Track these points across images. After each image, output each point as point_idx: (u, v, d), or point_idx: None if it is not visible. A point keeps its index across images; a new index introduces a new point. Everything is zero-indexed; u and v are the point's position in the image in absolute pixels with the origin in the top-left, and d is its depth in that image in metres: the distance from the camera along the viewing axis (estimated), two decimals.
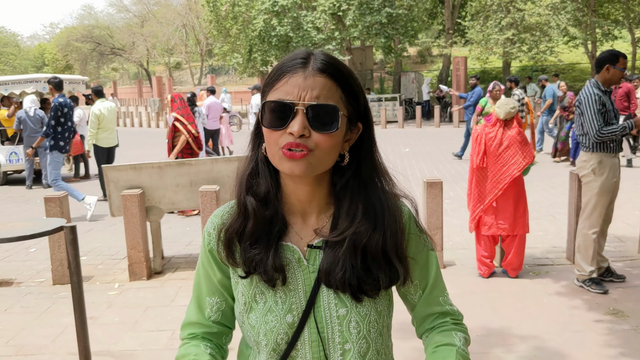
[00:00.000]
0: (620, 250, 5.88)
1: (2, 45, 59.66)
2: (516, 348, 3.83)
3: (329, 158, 1.13)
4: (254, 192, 1.19)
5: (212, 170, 5.65)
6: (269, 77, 1.16)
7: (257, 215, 1.18)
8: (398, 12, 23.82)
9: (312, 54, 1.14)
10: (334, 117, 1.10)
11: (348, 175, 1.19)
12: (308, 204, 1.21)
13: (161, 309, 4.72)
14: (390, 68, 33.96)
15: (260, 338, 1.17)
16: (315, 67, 1.10)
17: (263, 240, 1.18)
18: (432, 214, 5.36)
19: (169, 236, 6.94)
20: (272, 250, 1.17)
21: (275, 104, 1.10)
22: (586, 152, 4.81)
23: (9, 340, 4.23)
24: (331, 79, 1.11)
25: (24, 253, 6.65)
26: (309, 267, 1.19)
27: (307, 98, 1.09)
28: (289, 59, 1.14)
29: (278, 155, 1.11)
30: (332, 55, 1.16)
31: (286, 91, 1.10)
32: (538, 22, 20.29)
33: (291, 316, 1.16)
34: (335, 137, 1.11)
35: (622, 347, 3.79)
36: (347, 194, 1.19)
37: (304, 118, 1.08)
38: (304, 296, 1.17)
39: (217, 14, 28.40)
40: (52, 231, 3.34)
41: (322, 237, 1.19)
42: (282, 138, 1.10)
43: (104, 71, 61.54)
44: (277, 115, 1.10)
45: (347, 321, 1.17)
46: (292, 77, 1.10)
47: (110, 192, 5.52)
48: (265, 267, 1.16)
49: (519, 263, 5.14)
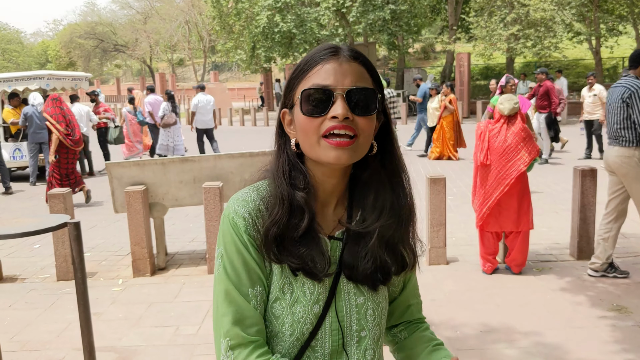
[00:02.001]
0: (624, 247, 5.87)
1: (6, 42, 59.74)
2: (519, 344, 3.83)
3: (368, 143, 1.15)
4: (296, 186, 1.17)
5: (215, 167, 5.65)
6: (298, 69, 1.16)
7: (310, 211, 1.16)
8: (401, 9, 23.75)
9: (338, 45, 1.16)
10: (373, 99, 1.12)
11: (374, 167, 1.20)
12: (330, 195, 1.22)
13: (165, 305, 4.73)
14: (393, 64, 33.88)
15: (284, 328, 1.16)
16: (347, 54, 1.13)
17: (307, 235, 1.16)
18: (435, 210, 5.36)
19: (172, 232, 6.95)
20: (320, 244, 1.17)
21: (314, 90, 1.10)
22: (628, 147, 4.70)
23: (13, 335, 4.25)
24: (363, 66, 1.14)
25: (28, 249, 6.68)
26: (330, 258, 1.19)
27: (346, 83, 1.10)
28: (317, 51, 1.15)
29: (320, 144, 1.11)
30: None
31: (322, 78, 1.10)
32: (543, 17, 20.18)
33: (318, 306, 1.17)
34: (374, 120, 1.14)
35: (626, 343, 3.79)
36: (372, 186, 1.20)
37: (344, 102, 1.09)
38: (327, 286, 1.19)
39: (220, 10, 28.36)
40: (56, 227, 3.34)
41: (348, 228, 1.20)
42: (323, 124, 1.10)
43: (107, 68, 61.57)
44: (316, 102, 1.10)
45: (364, 309, 1.21)
46: (327, 64, 1.11)
47: (114, 188, 5.53)
48: (315, 261, 1.15)
49: (523, 259, 5.14)
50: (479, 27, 22.38)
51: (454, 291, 4.83)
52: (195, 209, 7.43)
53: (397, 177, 1.22)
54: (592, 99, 11.91)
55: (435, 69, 31.54)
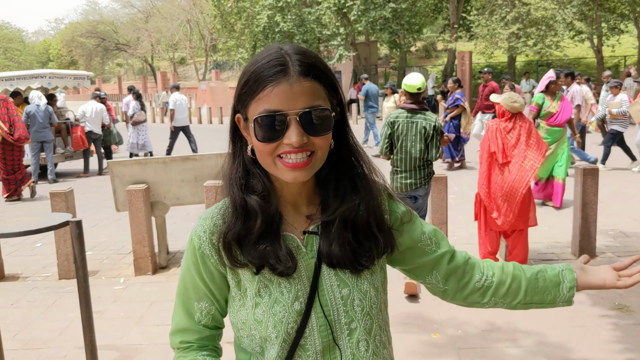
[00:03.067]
0: (625, 245, 5.87)
1: (7, 41, 59.78)
2: (521, 343, 3.83)
3: (325, 154, 1.16)
4: (252, 191, 1.19)
5: (217, 166, 5.64)
6: (246, 84, 1.13)
7: (264, 213, 1.17)
8: (402, 7, 23.73)
9: (286, 55, 1.11)
10: (326, 119, 1.11)
11: (332, 161, 1.20)
12: (299, 196, 1.23)
13: (166, 304, 4.74)
14: (394, 63, 33.85)
15: (269, 332, 1.17)
16: (296, 71, 1.08)
17: (267, 234, 1.18)
18: (436, 208, 5.36)
19: (173, 231, 6.95)
20: (280, 241, 1.18)
21: (267, 117, 1.08)
22: None
23: (15, 334, 4.25)
24: (315, 80, 1.10)
25: (30, 248, 6.69)
26: (307, 253, 1.20)
27: (298, 105, 1.08)
28: (264, 65, 1.10)
29: (277, 164, 1.12)
30: (304, 49, 1.15)
31: (273, 102, 1.08)
32: (544, 16, 20.16)
33: (298, 303, 1.17)
34: (330, 135, 1.14)
35: (627, 341, 3.79)
36: (332, 177, 1.21)
37: (298, 126, 1.08)
38: (307, 282, 1.19)
39: (221, 9, 28.35)
40: (58, 226, 3.34)
41: (316, 222, 1.22)
42: (278, 148, 1.10)
43: (109, 66, 61.62)
44: (270, 128, 1.09)
45: (350, 300, 1.20)
46: (277, 86, 1.08)
47: (116, 187, 5.53)
48: (278, 257, 1.16)
49: (523, 257, 5.13)
50: (480, 26, 22.35)
51: None
52: (197, 207, 7.42)
53: (353, 166, 1.23)
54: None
55: (437, 68, 31.52)
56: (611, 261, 5.32)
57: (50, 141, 11.16)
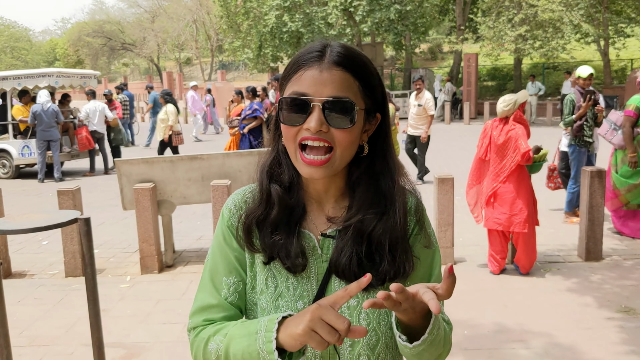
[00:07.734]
0: (632, 248, 5.85)
1: (15, 40, 59.96)
2: (528, 344, 3.83)
3: (348, 153, 1.12)
4: (278, 180, 1.19)
5: (223, 165, 5.66)
6: (286, 70, 1.14)
7: (281, 203, 1.17)
8: (407, 9, 23.71)
9: (328, 46, 1.11)
10: (350, 112, 1.08)
11: (364, 166, 1.18)
12: (324, 193, 1.21)
13: (172, 302, 4.75)
14: (400, 64, 33.81)
15: None
16: (330, 59, 1.08)
17: (284, 226, 1.17)
18: (443, 210, 5.36)
19: (180, 230, 6.97)
20: (294, 237, 1.16)
21: (291, 99, 1.08)
22: None
23: (22, 331, 4.27)
24: (347, 71, 1.09)
25: (37, 245, 6.72)
26: (322, 256, 1.18)
27: (325, 93, 1.06)
28: (305, 51, 1.12)
29: (297, 157, 1.11)
30: (349, 46, 1.13)
31: (302, 85, 1.08)
32: (551, 18, 20.08)
33: (302, 303, 1.16)
34: (353, 131, 1.10)
35: (634, 344, 3.77)
36: (361, 184, 1.18)
37: (320, 114, 1.06)
38: (315, 284, 1.17)
39: (228, 10, 28.38)
40: (66, 223, 3.35)
41: (335, 225, 1.18)
42: (299, 133, 1.09)
43: (115, 66, 61.72)
44: (293, 111, 1.08)
45: (357, 312, 1.15)
46: (308, 70, 1.08)
47: (123, 185, 5.55)
48: (288, 253, 1.15)
49: (527, 260, 5.11)
50: (487, 28, 22.30)
51: (462, 291, 4.81)
52: (203, 206, 7.45)
53: (385, 177, 1.17)
54: (417, 109, 9.13)
55: (443, 70, 31.46)
56: (617, 264, 5.32)
57: (56, 140, 11.21)
